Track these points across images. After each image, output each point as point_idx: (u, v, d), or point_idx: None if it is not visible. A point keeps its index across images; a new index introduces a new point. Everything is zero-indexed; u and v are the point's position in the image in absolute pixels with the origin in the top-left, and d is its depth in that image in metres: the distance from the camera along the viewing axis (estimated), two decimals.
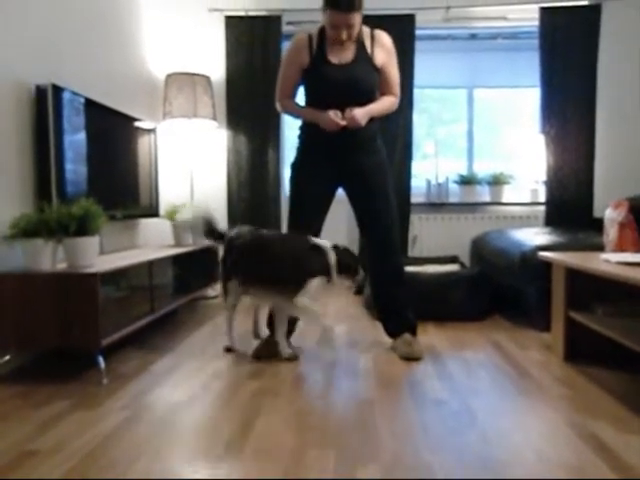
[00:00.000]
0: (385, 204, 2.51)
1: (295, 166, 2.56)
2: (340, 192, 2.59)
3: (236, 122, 4.12)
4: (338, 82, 2.37)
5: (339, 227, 2.61)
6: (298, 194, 2.54)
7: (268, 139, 4.10)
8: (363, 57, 2.40)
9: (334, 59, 2.39)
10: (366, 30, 2.42)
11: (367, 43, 2.41)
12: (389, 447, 1.58)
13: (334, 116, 2.33)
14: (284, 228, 4.06)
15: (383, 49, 2.44)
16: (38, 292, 2.17)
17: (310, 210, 2.52)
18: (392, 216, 2.53)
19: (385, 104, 2.48)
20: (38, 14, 2.61)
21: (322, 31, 2.41)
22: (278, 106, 2.56)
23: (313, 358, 2.49)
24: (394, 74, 2.50)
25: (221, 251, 2.61)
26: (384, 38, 2.45)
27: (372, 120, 2.44)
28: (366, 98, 2.41)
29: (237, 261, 2.47)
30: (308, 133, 2.52)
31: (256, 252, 2.43)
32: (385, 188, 2.51)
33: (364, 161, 2.48)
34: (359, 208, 2.56)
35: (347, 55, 2.40)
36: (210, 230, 2.64)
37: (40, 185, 2.51)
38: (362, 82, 2.39)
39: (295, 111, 2.54)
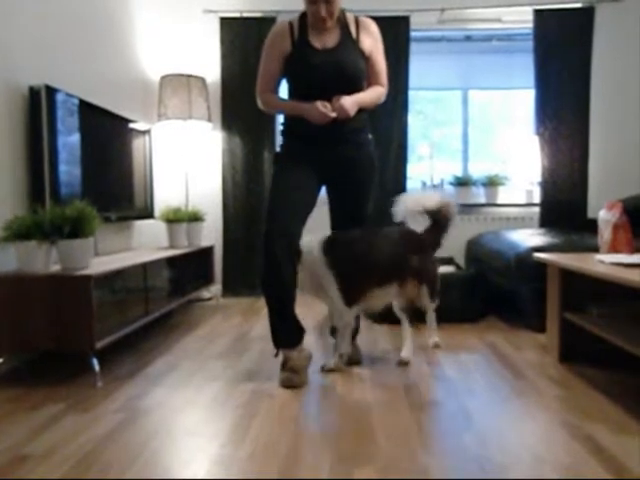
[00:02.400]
0: (360, 209, 2.36)
1: (277, 161, 2.35)
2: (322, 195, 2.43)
3: (231, 123, 4.11)
4: (322, 68, 2.20)
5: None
6: (279, 192, 2.25)
7: (263, 140, 4.10)
8: (348, 42, 2.25)
9: (317, 44, 2.23)
10: (350, 16, 2.30)
11: (352, 28, 2.27)
12: (385, 449, 1.58)
13: (323, 107, 2.14)
14: None
15: (369, 35, 2.28)
16: (32, 294, 2.15)
17: (291, 208, 2.21)
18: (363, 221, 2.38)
19: (374, 94, 2.32)
20: (32, 15, 2.59)
21: (303, 17, 2.27)
22: (259, 102, 2.34)
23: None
24: (381, 62, 2.34)
25: None
26: (370, 24, 2.31)
27: (360, 111, 2.27)
28: (354, 86, 2.24)
29: None
30: (290, 128, 2.33)
31: None
32: (367, 188, 2.35)
33: (350, 155, 2.29)
34: (335, 206, 2.40)
35: (331, 40, 2.24)
36: None
37: (34, 187, 2.49)
38: (349, 67, 2.22)
39: (278, 106, 2.34)
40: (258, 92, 2.33)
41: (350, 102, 2.18)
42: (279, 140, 2.35)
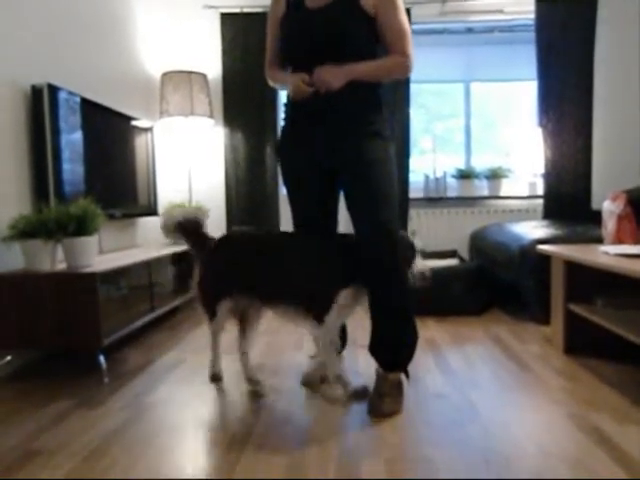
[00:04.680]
0: (377, 206, 1.81)
1: (280, 151, 2.05)
2: None
3: (233, 119, 4.11)
4: (297, 32, 1.88)
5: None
6: (292, 186, 2.04)
7: (265, 136, 4.10)
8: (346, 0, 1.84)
9: (312, 3, 1.88)
10: None
11: None
12: (391, 441, 1.59)
13: (297, 79, 1.82)
14: (283, 225, 4.07)
15: None
16: (38, 292, 2.17)
17: (311, 203, 1.99)
18: (390, 222, 1.82)
19: (382, 63, 1.86)
20: (33, 14, 2.59)
21: None
22: (268, 78, 2.09)
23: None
24: (396, 23, 1.83)
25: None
26: None
27: (362, 87, 1.84)
28: (343, 53, 1.82)
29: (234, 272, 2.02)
30: (287, 108, 2.02)
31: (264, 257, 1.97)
32: (378, 184, 1.82)
33: (351, 143, 1.85)
34: (349, 208, 1.91)
35: None
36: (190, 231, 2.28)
37: (38, 185, 2.51)
38: (328, 29, 1.81)
39: (276, 80, 2.03)
40: (265, 67, 2.09)
41: (334, 71, 1.78)
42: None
